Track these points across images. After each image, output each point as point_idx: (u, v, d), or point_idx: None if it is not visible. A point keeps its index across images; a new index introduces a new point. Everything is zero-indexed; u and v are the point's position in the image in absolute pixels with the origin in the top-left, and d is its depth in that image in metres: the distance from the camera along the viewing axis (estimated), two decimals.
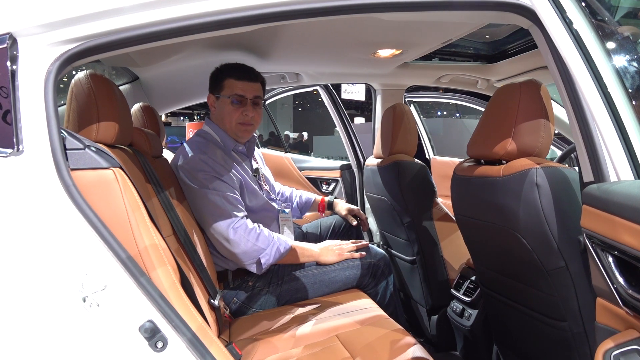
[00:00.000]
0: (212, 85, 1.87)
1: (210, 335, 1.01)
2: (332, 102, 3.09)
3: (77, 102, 1.18)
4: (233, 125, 1.83)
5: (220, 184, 1.71)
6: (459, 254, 2.03)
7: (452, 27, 1.71)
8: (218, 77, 1.85)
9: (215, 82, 1.85)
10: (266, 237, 1.71)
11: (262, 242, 1.69)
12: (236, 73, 1.82)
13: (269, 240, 1.71)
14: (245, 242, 1.67)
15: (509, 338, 1.59)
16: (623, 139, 0.93)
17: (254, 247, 1.68)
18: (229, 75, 1.82)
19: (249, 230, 1.69)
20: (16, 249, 0.89)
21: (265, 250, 1.69)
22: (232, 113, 1.81)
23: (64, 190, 0.90)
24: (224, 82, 1.82)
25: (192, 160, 1.73)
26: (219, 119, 1.87)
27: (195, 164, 1.71)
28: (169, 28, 0.99)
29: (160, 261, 0.98)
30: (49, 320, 0.89)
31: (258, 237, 1.69)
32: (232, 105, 1.81)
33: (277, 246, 1.72)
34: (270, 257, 1.70)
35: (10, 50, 0.92)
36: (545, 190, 1.15)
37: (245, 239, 1.67)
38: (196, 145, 1.79)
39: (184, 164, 1.73)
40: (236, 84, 1.81)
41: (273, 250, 1.70)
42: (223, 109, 1.83)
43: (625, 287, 0.81)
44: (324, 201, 2.29)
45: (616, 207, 0.84)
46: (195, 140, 1.84)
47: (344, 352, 1.39)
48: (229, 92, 1.81)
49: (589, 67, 0.97)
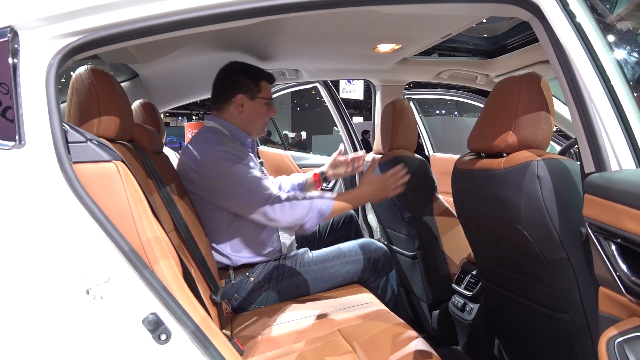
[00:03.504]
0: (244, 86, 1.86)
1: (213, 328, 1.01)
2: (332, 99, 3.10)
3: (78, 96, 1.18)
4: (262, 124, 1.94)
5: (246, 168, 1.73)
6: (460, 248, 2.03)
7: (452, 21, 1.72)
8: (251, 78, 1.87)
9: (247, 83, 1.86)
10: (303, 204, 1.71)
11: (300, 211, 1.70)
12: (267, 76, 1.92)
13: (306, 206, 1.71)
14: (285, 216, 1.69)
15: (510, 331, 1.59)
16: (625, 129, 0.94)
17: (294, 217, 1.69)
18: (263, 78, 1.89)
19: (284, 204, 1.70)
20: (19, 242, 0.89)
21: (307, 216, 1.70)
22: (265, 114, 1.92)
23: (66, 183, 0.90)
24: (260, 84, 1.88)
25: (213, 153, 1.72)
26: (247, 118, 1.88)
27: (218, 156, 1.72)
28: (169, 21, 0.99)
29: (162, 254, 0.98)
30: (53, 313, 0.89)
31: (295, 208, 1.70)
32: (267, 107, 1.91)
33: (317, 209, 1.71)
34: (313, 220, 1.71)
35: (11, 43, 0.92)
36: (547, 182, 1.15)
37: (284, 213, 1.69)
38: (211, 140, 1.79)
39: (204, 160, 1.72)
40: (269, 87, 1.93)
41: (314, 214, 1.71)
42: (257, 109, 1.89)
43: (628, 274, 0.81)
44: (318, 176, 2.30)
45: (618, 195, 0.84)
46: (206, 136, 1.82)
47: (346, 347, 1.39)
48: (265, 94, 1.90)
49: (591, 57, 0.97)
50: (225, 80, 1.89)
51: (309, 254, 1.90)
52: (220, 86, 1.90)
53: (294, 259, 1.86)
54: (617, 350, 0.78)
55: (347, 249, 1.93)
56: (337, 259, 1.89)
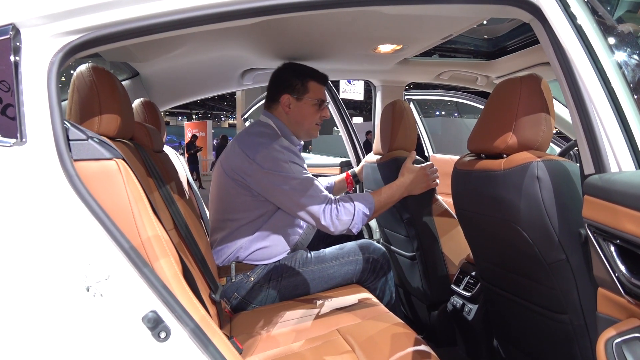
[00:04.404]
0: (290, 86, 1.87)
1: (212, 326, 1.01)
2: (332, 99, 3.09)
3: (79, 94, 1.18)
4: (312, 126, 1.92)
5: (302, 168, 1.75)
6: (459, 249, 2.03)
7: (453, 22, 1.72)
8: (299, 78, 1.88)
9: (294, 83, 1.87)
10: (348, 209, 1.71)
11: (346, 218, 1.70)
12: (318, 77, 1.91)
13: (351, 211, 1.71)
14: (335, 224, 1.70)
15: (509, 332, 1.59)
16: (625, 131, 0.94)
17: (342, 223, 1.70)
18: (312, 78, 1.89)
19: (334, 212, 1.70)
20: (20, 239, 0.89)
21: (352, 221, 1.71)
22: (314, 115, 1.91)
23: (67, 180, 0.90)
24: (308, 85, 1.88)
25: (273, 147, 1.73)
26: (294, 119, 1.89)
27: (278, 150, 1.73)
28: (170, 20, 0.99)
29: (163, 252, 0.99)
30: (53, 310, 0.89)
31: (341, 215, 1.70)
32: (315, 108, 1.90)
33: (361, 212, 1.72)
34: (359, 223, 1.73)
35: (13, 41, 0.92)
36: (546, 183, 1.15)
37: (334, 220, 1.70)
38: (267, 135, 1.79)
39: (263, 152, 1.72)
40: (320, 87, 1.91)
41: (359, 218, 1.72)
42: (304, 110, 1.88)
43: (627, 275, 0.82)
44: (350, 177, 2.34)
45: (618, 196, 0.84)
46: (261, 130, 1.83)
47: (345, 346, 1.39)
48: (313, 95, 1.89)
49: (592, 59, 0.98)
50: (276, 80, 1.92)
51: (309, 254, 1.90)
52: (271, 86, 1.93)
53: (293, 259, 1.87)
54: (615, 351, 0.79)
55: (346, 249, 1.93)
56: (336, 259, 1.89)
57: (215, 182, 1.88)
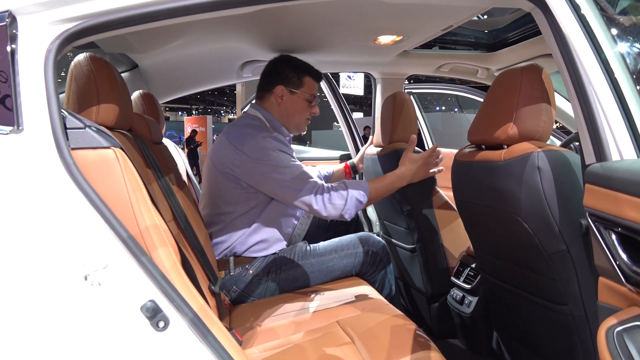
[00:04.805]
0: (286, 78, 1.88)
1: (211, 316, 1.00)
2: (332, 92, 3.08)
3: (76, 84, 1.17)
4: (302, 120, 1.94)
5: (290, 157, 1.75)
6: (459, 242, 2.03)
7: (453, 12, 1.71)
8: (295, 72, 1.89)
9: (290, 76, 1.88)
10: (341, 194, 1.71)
11: (338, 202, 1.70)
12: (313, 73, 1.94)
13: (344, 196, 1.71)
14: (328, 208, 1.69)
15: (509, 324, 1.59)
16: (627, 121, 0.93)
17: (334, 208, 1.70)
18: (308, 74, 1.91)
19: (326, 196, 1.70)
20: (17, 227, 0.88)
21: (345, 206, 1.70)
22: (305, 110, 1.93)
23: (65, 169, 0.89)
24: (303, 80, 1.90)
25: (260, 137, 1.73)
26: (285, 111, 1.90)
27: (265, 140, 1.73)
28: (168, 7, 0.99)
29: (161, 241, 0.98)
30: (51, 298, 0.88)
31: (333, 199, 1.70)
32: (307, 104, 1.92)
33: (354, 198, 1.71)
34: (351, 209, 1.72)
35: (9, 28, 0.91)
36: (547, 173, 1.14)
37: (326, 204, 1.69)
38: (254, 126, 1.80)
39: (251, 143, 1.72)
40: (314, 84, 1.94)
41: (352, 203, 1.71)
42: (296, 104, 1.90)
43: (628, 263, 0.81)
44: (349, 167, 2.36)
45: (620, 184, 0.83)
46: (249, 122, 1.84)
47: (345, 338, 1.39)
48: (307, 90, 1.91)
49: (595, 49, 0.97)
50: (271, 70, 1.92)
51: (308, 247, 1.90)
52: (265, 75, 1.94)
53: (292, 252, 1.86)
54: (616, 339, 0.78)
55: (345, 242, 1.93)
56: (335, 252, 1.89)
57: (206, 177, 1.89)
